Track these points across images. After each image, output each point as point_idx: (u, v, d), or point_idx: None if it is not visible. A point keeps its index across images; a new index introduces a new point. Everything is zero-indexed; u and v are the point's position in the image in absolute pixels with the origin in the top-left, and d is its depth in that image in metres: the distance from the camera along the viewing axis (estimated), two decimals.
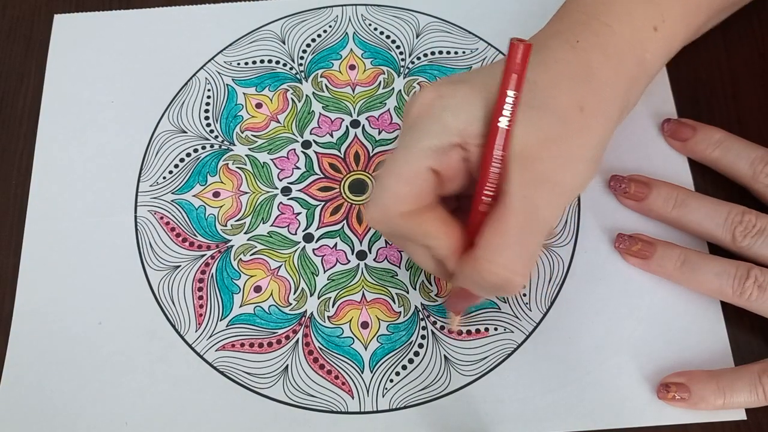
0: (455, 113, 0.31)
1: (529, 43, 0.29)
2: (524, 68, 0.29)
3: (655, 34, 0.36)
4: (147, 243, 0.42)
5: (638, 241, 0.39)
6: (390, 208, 0.32)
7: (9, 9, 0.49)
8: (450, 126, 0.31)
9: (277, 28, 0.48)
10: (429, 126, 0.31)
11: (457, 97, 0.32)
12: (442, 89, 0.32)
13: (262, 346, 0.39)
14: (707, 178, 0.42)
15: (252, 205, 0.43)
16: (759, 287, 0.36)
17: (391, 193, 0.32)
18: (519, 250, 0.31)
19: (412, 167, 0.31)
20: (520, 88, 0.30)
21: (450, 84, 0.32)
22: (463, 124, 0.31)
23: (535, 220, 0.31)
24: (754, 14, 0.47)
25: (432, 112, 0.32)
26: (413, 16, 0.48)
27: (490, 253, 0.31)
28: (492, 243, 0.31)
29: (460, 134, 0.31)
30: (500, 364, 0.38)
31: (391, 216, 0.32)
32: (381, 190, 0.32)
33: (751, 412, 0.37)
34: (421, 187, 0.32)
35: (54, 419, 0.38)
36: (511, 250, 0.31)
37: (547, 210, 0.31)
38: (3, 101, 0.46)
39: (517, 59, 0.29)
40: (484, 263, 0.31)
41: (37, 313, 0.40)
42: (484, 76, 0.32)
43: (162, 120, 0.45)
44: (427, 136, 0.31)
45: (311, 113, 0.45)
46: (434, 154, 0.31)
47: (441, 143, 0.31)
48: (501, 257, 0.31)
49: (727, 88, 0.45)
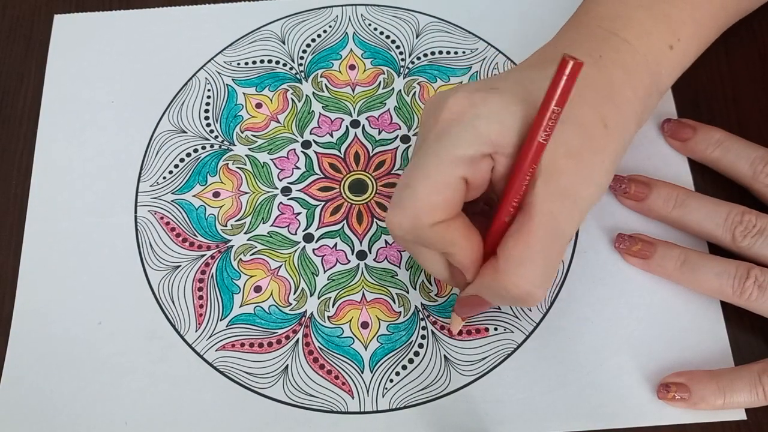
0: (488, 122, 0.31)
1: (581, 61, 0.28)
2: (571, 85, 0.28)
3: (671, 52, 0.36)
4: (147, 243, 0.42)
5: (638, 241, 0.39)
6: (421, 217, 0.31)
7: (9, 9, 0.49)
8: (483, 135, 0.31)
9: (277, 28, 0.48)
10: (462, 134, 0.31)
11: (490, 105, 0.31)
12: (474, 97, 0.31)
13: (262, 346, 0.39)
14: (707, 178, 0.42)
15: (252, 205, 0.43)
16: (759, 287, 0.36)
17: (424, 203, 0.31)
18: (541, 263, 0.31)
19: (446, 176, 0.31)
20: (563, 104, 0.29)
21: (481, 91, 0.32)
22: (496, 135, 0.31)
23: (557, 234, 0.31)
24: (755, 16, 0.47)
25: (464, 119, 0.31)
26: (413, 16, 0.48)
27: (512, 266, 0.31)
28: (515, 256, 0.31)
29: (492, 144, 0.31)
30: (500, 364, 0.38)
31: (420, 226, 0.31)
32: (411, 198, 0.31)
33: (751, 412, 0.37)
34: (454, 197, 0.31)
35: (54, 419, 0.38)
36: (533, 262, 0.30)
37: (567, 224, 0.31)
38: (3, 101, 0.46)
39: (564, 74, 0.28)
40: (506, 275, 0.31)
41: (37, 314, 0.40)
42: (517, 86, 0.32)
43: (162, 120, 0.45)
44: (460, 144, 0.31)
45: (311, 113, 0.45)
46: (467, 163, 0.31)
47: (474, 153, 0.31)
48: (524, 271, 0.30)
49: (728, 89, 0.45)
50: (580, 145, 0.32)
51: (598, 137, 0.32)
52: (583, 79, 0.33)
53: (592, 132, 0.32)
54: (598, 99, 0.33)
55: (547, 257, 0.31)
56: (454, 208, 0.31)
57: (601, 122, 0.33)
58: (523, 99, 0.31)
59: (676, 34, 0.36)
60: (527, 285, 0.31)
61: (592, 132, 0.32)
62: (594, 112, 0.33)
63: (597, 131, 0.32)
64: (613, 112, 0.33)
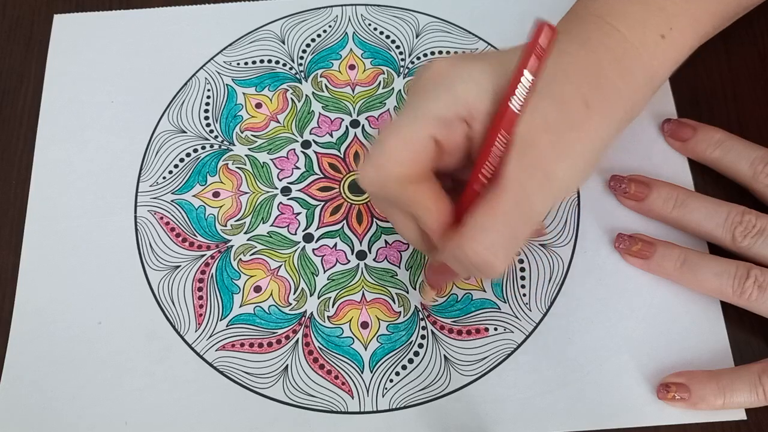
0: (467, 85, 0.31)
1: (554, 26, 0.28)
2: (547, 52, 0.28)
3: (663, 41, 0.36)
4: (147, 243, 0.42)
5: (638, 241, 0.39)
6: (387, 168, 0.31)
7: (9, 9, 0.49)
8: (460, 97, 0.31)
9: (277, 28, 0.48)
10: (439, 93, 0.31)
11: (471, 70, 0.31)
12: (457, 61, 0.32)
13: (262, 346, 0.39)
14: (707, 178, 0.42)
15: (252, 205, 0.43)
16: (759, 287, 0.36)
17: (390, 155, 0.31)
18: (505, 234, 0.31)
19: (416, 131, 0.31)
20: (539, 72, 0.29)
21: (465, 57, 0.32)
22: (473, 99, 0.31)
23: (525, 208, 0.31)
24: (755, 15, 0.47)
25: (443, 80, 0.31)
26: (413, 16, 0.48)
27: (475, 232, 0.31)
28: (479, 222, 0.31)
29: (468, 108, 0.31)
30: (500, 364, 0.38)
31: (386, 177, 0.31)
32: (380, 149, 0.31)
33: (751, 412, 0.37)
34: (421, 154, 0.31)
35: (54, 419, 0.38)
36: (496, 232, 0.31)
37: (537, 200, 0.31)
38: (3, 101, 0.46)
39: (540, 41, 0.28)
40: (467, 241, 0.31)
41: (37, 313, 0.40)
42: (502, 56, 0.32)
43: (162, 120, 0.45)
44: (435, 103, 0.31)
45: (311, 113, 0.45)
46: (440, 122, 0.31)
47: (448, 113, 0.31)
48: (486, 238, 0.31)
49: (727, 88, 0.45)
50: (558, 121, 0.32)
51: (577, 114, 0.32)
52: (570, 56, 0.33)
53: (570, 108, 0.32)
54: (582, 78, 0.33)
55: (511, 229, 0.31)
56: (421, 166, 0.32)
57: (581, 100, 0.32)
58: (504, 70, 0.31)
59: (669, 23, 0.36)
60: (486, 253, 0.31)
61: (571, 108, 0.32)
62: (576, 90, 0.32)
63: (576, 108, 0.32)
64: (595, 94, 0.33)
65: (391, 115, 0.45)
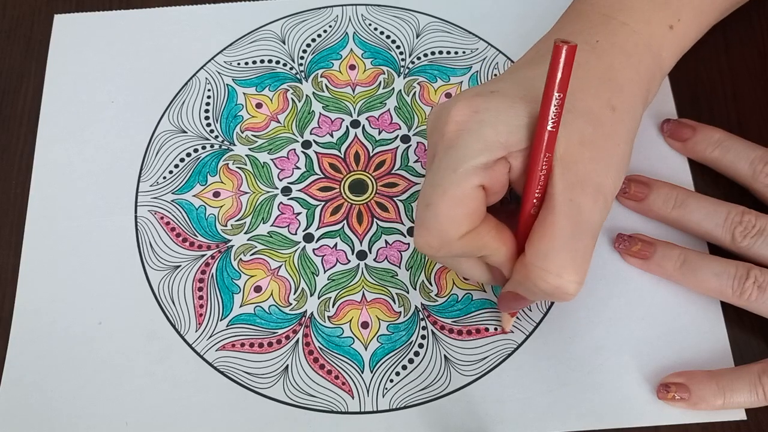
0: (495, 127, 0.31)
1: (573, 44, 0.28)
2: (569, 70, 0.29)
3: (671, 32, 0.36)
4: (147, 243, 0.42)
5: (638, 242, 0.39)
6: (448, 233, 0.31)
7: (9, 9, 0.49)
8: (492, 141, 0.30)
9: (277, 28, 0.48)
10: (471, 144, 0.31)
11: (493, 110, 0.31)
12: (475, 103, 0.31)
13: (262, 346, 0.39)
14: (707, 178, 0.42)
15: (252, 205, 0.43)
16: (759, 287, 0.36)
17: (447, 218, 0.31)
18: (568, 254, 0.30)
19: (463, 189, 0.30)
20: (564, 89, 0.29)
21: (481, 97, 0.32)
22: (505, 137, 0.31)
23: (581, 223, 0.31)
24: (755, 14, 0.47)
25: (470, 128, 0.31)
26: (413, 16, 0.48)
27: (539, 260, 0.31)
28: (540, 249, 0.31)
29: (503, 147, 0.31)
30: (500, 364, 0.38)
31: (449, 241, 0.31)
32: (434, 217, 0.31)
33: (751, 412, 0.37)
34: (475, 207, 0.31)
35: (54, 419, 0.38)
36: (560, 254, 0.30)
37: (591, 212, 0.31)
38: (3, 101, 0.46)
39: (560, 60, 0.28)
40: (533, 270, 0.31)
41: (37, 313, 0.40)
42: (516, 85, 0.32)
43: (162, 120, 0.45)
44: (471, 153, 0.30)
45: (311, 113, 0.45)
46: (482, 171, 0.30)
47: (486, 159, 0.30)
48: (551, 263, 0.30)
49: (727, 88, 0.45)
50: (593, 132, 0.32)
51: (608, 121, 0.32)
52: (583, 67, 0.33)
53: (601, 117, 0.32)
54: (601, 84, 0.33)
55: (574, 248, 0.31)
56: (477, 217, 0.31)
57: (608, 106, 0.33)
58: (524, 96, 0.31)
59: (677, 14, 0.36)
60: (556, 278, 0.30)
61: (602, 117, 0.32)
62: (599, 98, 0.33)
63: (606, 116, 0.32)
64: (617, 95, 0.33)
65: (391, 115, 0.45)
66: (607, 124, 0.32)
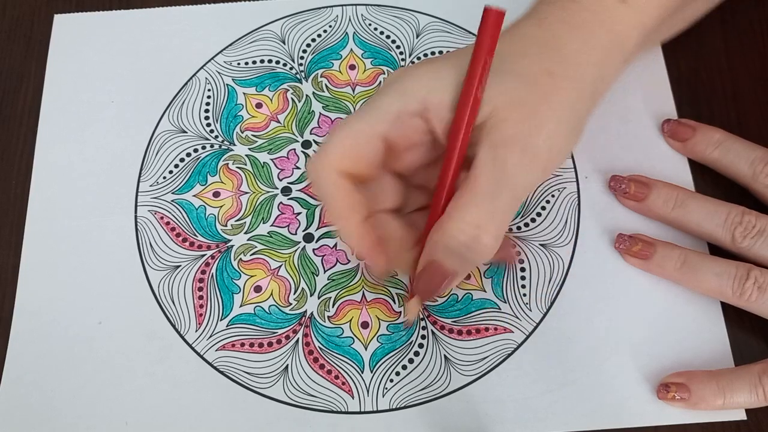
0: (417, 80, 0.32)
1: (503, 10, 0.30)
2: (497, 32, 0.30)
3: (623, 5, 0.35)
4: (147, 243, 0.42)
5: (638, 242, 0.39)
6: (328, 158, 0.32)
7: (9, 9, 0.49)
8: (409, 90, 0.31)
9: (277, 28, 0.48)
10: (390, 92, 0.32)
11: (420, 69, 0.32)
12: (414, 65, 0.33)
13: (262, 346, 0.39)
14: (707, 178, 0.42)
15: (252, 205, 0.43)
16: (759, 288, 0.36)
17: (335, 146, 0.32)
18: (488, 208, 0.31)
19: (363, 127, 0.32)
20: (491, 52, 0.30)
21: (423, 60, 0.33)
22: (424, 92, 0.31)
23: (505, 181, 0.31)
24: (755, 14, 0.47)
25: (394, 79, 0.32)
26: (413, 16, 0.48)
27: (458, 212, 0.31)
28: (461, 202, 0.31)
29: (420, 100, 0.31)
30: (500, 364, 0.38)
31: (328, 167, 0.32)
32: (325, 142, 0.32)
33: (751, 412, 0.37)
34: (365, 151, 0.32)
35: (54, 419, 0.38)
36: (479, 207, 0.31)
37: (518, 172, 0.31)
38: (3, 101, 0.46)
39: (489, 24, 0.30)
40: (452, 222, 0.31)
41: (37, 313, 0.40)
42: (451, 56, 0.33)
43: (162, 120, 0.45)
44: (387, 101, 0.32)
45: (311, 113, 0.45)
46: (390, 119, 0.31)
47: (399, 108, 0.31)
48: (469, 214, 0.31)
49: (727, 88, 0.45)
50: (524, 94, 0.32)
51: (543, 86, 0.32)
52: (526, 36, 0.34)
53: (535, 80, 0.32)
54: (543, 52, 0.33)
55: (495, 203, 0.31)
56: (364, 165, 0.32)
57: (545, 72, 0.32)
58: (454, 64, 0.32)
59: None
60: (471, 228, 0.31)
61: (536, 80, 0.32)
62: (537, 63, 0.33)
63: (543, 80, 0.32)
64: (558, 62, 0.33)
65: None
66: (543, 86, 0.32)
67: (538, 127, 0.32)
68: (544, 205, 0.42)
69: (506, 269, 0.40)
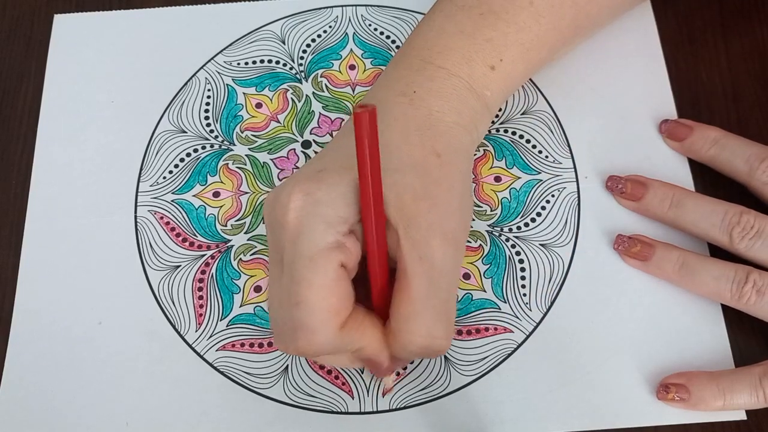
0: (331, 204, 0.30)
1: (373, 107, 0.28)
2: (375, 133, 0.28)
3: (493, 72, 0.36)
4: (147, 243, 0.42)
5: (637, 243, 0.39)
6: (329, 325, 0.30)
7: (9, 9, 0.49)
8: (333, 218, 0.30)
9: (277, 28, 0.48)
10: (315, 226, 0.30)
11: (324, 188, 0.30)
12: (306, 187, 0.30)
13: (262, 346, 0.39)
14: (707, 178, 0.42)
15: (252, 205, 0.43)
16: (757, 291, 0.36)
17: (323, 310, 0.29)
18: (430, 312, 0.31)
19: (328, 273, 0.29)
20: (375, 153, 0.28)
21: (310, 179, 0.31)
22: (343, 210, 0.30)
23: (435, 277, 0.31)
24: (755, 14, 0.47)
25: (308, 211, 0.30)
26: (413, 16, 0.48)
27: (403, 324, 0.31)
28: (402, 313, 0.31)
29: (345, 221, 0.30)
30: (500, 364, 0.38)
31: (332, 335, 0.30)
32: (309, 312, 0.29)
33: (751, 413, 0.37)
34: (345, 289, 0.30)
35: (54, 419, 0.38)
36: (422, 315, 0.30)
37: (443, 262, 0.31)
38: (3, 101, 0.46)
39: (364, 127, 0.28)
40: (400, 335, 0.31)
41: (37, 313, 0.40)
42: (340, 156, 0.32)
43: (162, 120, 0.45)
44: (320, 236, 0.30)
45: (311, 113, 0.45)
46: (336, 250, 0.30)
47: (335, 238, 0.30)
48: (415, 325, 0.30)
49: (727, 87, 0.45)
50: (423, 184, 0.32)
51: (435, 168, 0.32)
52: (401, 120, 0.34)
53: (427, 166, 0.32)
54: (422, 134, 0.33)
55: (434, 305, 0.31)
56: (349, 301, 0.31)
57: (432, 153, 0.33)
58: (351, 166, 0.30)
59: (499, 54, 0.36)
60: (422, 339, 0.30)
61: (428, 166, 0.32)
62: (422, 147, 0.33)
63: (432, 163, 0.32)
64: (440, 141, 0.33)
65: None
66: (435, 171, 0.32)
67: (447, 212, 0.32)
68: (544, 205, 0.42)
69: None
